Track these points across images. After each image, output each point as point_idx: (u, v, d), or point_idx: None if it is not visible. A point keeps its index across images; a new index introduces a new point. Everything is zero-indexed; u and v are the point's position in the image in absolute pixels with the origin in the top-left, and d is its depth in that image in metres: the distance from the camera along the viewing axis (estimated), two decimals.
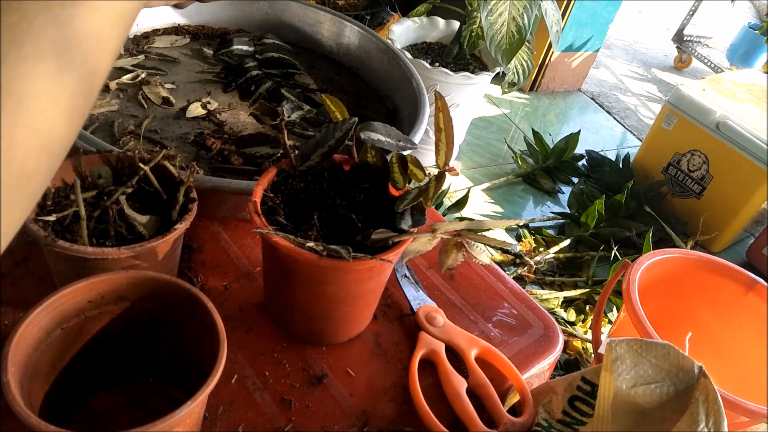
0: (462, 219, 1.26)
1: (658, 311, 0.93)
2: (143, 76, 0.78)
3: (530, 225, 1.86)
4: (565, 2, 2.34)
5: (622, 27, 3.61)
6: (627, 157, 2.19)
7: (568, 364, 1.40)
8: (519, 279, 1.60)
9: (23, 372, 0.37)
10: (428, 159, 1.79)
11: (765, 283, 0.92)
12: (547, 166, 2.11)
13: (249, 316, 0.56)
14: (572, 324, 1.51)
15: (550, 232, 1.82)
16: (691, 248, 1.82)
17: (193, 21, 0.92)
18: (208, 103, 0.77)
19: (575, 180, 2.12)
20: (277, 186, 0.51)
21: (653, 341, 0.47)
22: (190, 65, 0.84)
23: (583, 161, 2.19)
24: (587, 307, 1.56)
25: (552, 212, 1.94)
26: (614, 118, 2.68)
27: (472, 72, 1.74)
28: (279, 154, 0.62)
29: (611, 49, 3.35)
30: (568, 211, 1.95)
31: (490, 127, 2.35)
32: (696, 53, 3.13)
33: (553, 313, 1.51)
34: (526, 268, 1.61)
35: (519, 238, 1.78)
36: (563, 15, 2.37)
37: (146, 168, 0.49)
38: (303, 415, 0.49)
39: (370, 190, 0.52)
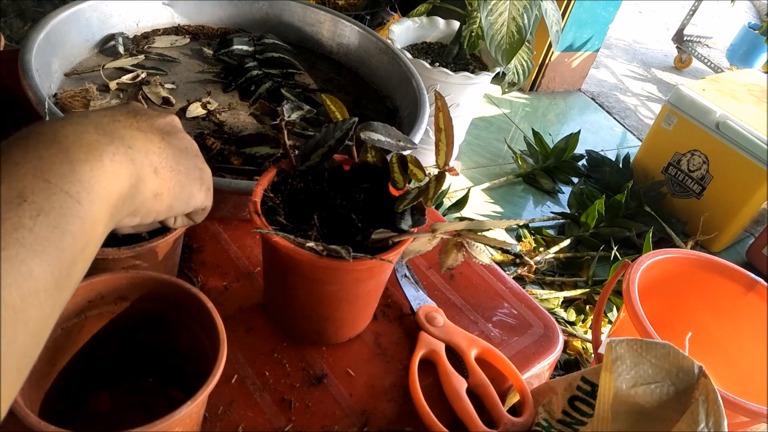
0: (462, 219, 1.26)
1: (658, 311, 0.93)
2: (143, 76, 0.78)
3: (530, 225, 1.86)
4: (565, 2, 2.34)
5: (622, 27, 3.61)
6: (627, 157, 2.19)
7: (568, 364, 1.40)
8: (519, 279, 1.60)
9: None
10: (428, 159, 1.79)
11: (765, 283, 0.92)
12: (547, 166, 2.11)
13: (249, 316, 0.56)
14: (572, 324, 1.51)
15: (550, 232, 1.82)
16: (691, 248, 1.82)
17: (193, 21, 0.92)
18: (208, 103, 0.77)
19: (575, 180, 2.12)
20: (277, 186, 0.51)
21: (653, 341, 0.47)
22: (190, 65, 0.84)
23: (583, 161, 2.19)
24: (587, 307, 1.56)
25: (552, 212, 1.94)
26: (614, 118, 2.68)
27: (472, 72, 1.74)
28: (279, 154, 0.62)
29: (611, 49, 3.35)
30: (568, 211, 1.95)
31: (490, 127, 2.35)
32: (696, 53, 3.13)
33: (553, 313, 1.51)
34: (526, 268, 1.60)
35: (519, 238, 1.78)
36: (563, 15, 2.37)
37: None
38: (303, 415, 0.49)
39: (370, 190, 0.52)
